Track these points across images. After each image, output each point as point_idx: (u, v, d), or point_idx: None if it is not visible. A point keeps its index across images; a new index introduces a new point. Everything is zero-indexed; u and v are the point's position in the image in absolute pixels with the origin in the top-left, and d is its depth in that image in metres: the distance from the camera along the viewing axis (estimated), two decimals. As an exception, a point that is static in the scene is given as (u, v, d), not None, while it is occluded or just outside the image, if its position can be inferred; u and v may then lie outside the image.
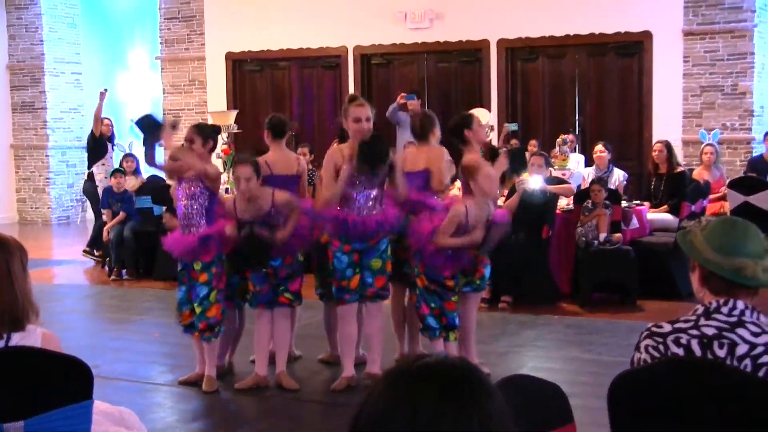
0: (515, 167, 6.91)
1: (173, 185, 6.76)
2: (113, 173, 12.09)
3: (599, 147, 11.18)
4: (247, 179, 6.32)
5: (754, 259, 2.83)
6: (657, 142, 11.19)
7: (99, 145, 13.59)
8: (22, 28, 17.58)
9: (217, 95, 16.21)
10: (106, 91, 14.05)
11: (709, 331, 2.80)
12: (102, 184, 12.69)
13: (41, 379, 3.05)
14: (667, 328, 2.86)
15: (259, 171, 6.43)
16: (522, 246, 9.11)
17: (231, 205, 6.51)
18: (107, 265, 11.67)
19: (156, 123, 6.78)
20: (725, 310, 2.83)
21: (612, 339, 7.81)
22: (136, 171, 12.52)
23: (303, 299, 6.83)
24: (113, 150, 13.76)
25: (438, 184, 6.68)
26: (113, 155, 13.58)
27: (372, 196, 6.36)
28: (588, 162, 12.05)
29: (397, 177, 6.41)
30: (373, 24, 14.90)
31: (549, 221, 9.36)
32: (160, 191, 10.69)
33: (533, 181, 9.16)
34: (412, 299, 6.70)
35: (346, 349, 6.59)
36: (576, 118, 14.07)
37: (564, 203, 9.88)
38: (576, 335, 8.12)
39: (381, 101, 12.51)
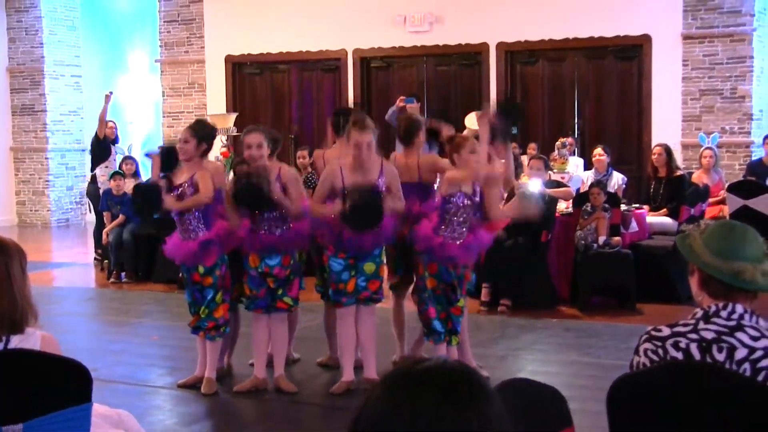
0: (509, 116, 6.92)
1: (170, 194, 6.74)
2: (113, 176, 12.08)
3: (598, 150, 11.18)
4: (259, 146, 6.30)
5: (752, 263, 2.83)
6: (656, 145, 11.19)
7: (102, 148, 13.60)
8: (22, 30, 17.59)
9: (217, 98, 16.21)
10: (111, 94, 14.05)
11: (708, 335, 2.80)
12: (105, 186, 12.69)
13: (40, 382, 3.05)
14: (666, 331, 2.86)
15: (276, 143, 6.40)
16: (521, 249, 9.11)
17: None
18: (106, 268, 11.67)
19: (154, 194, 6.69)
20: (724, 314, 2.83)
21: (611, 342, 7.80)
22: (135, 173, 12.51)
23: (301, 302, 6.83)
24: (117, 152, 13.76)
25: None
26: (116, 158, 13.58)
27: None
28: (587, 165, 12.05)
29: (394, 197, 6.38)
30: (373, 27, 14.90)
31: (548, 225, 9.36)
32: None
33: (532, 185, 9.16)
34: (419, 304, 6.60)
35: (345, 353, 6.59)
36: (575, 121, 14.07)
37: (563, 206, 9.89)
38: (575, 339, 8.11)
39: (380, 104, 12.53)
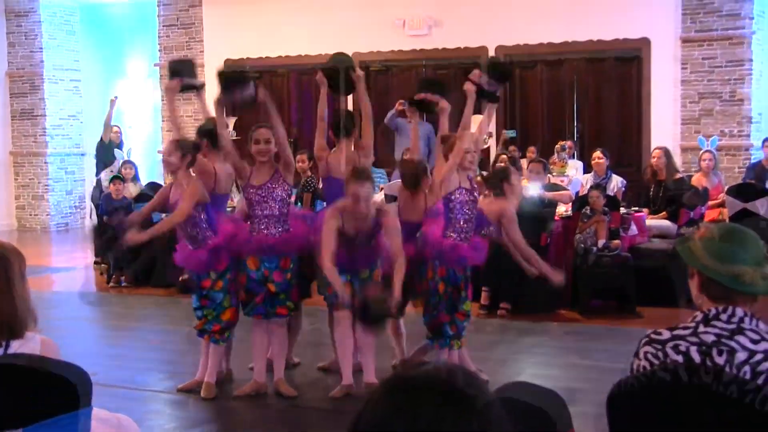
0: (497, 77, 6.96)
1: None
2: (112, 180, 12.07)
3: (597, 153, 11.19)
4: (267, 141, 6.36)
5: (752, 266, 2.83)
6: (656, 148, 11.20)
7: (107, 152, 13.62)
8: (21, 35, 17.59)
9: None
10: (116, 99, 14.06)
11: (708, 338, 2.80)
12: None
13: (40, 387, 3.04)
14: (666, 335, 2.86)
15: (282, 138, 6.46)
16: (514, 262, 9.09)
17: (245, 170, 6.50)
18: (105, 272, 11.66)
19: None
20: (724, 317, 2.82)
21: (611, 346, 7.79)
22: (135, 178, 12.51)
23: (302, 306, 6.84)
24: (118, 157, 13.78)
25: None
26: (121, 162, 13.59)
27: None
28: (586, 169, 12.06)
29: (392, 245, 6.33)
30: (372, 31, 14.90)
31: (547, 228, 9.36)
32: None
33: (531, 188, 9.17)
34: (427, 307, 6.57)
35: (344, 357, 6.58)
36: (574, 124, 14.08)
37: (562, 210, 9.89)
38: (575, 342, 8.11)
39: (379, 108, 12.51)
